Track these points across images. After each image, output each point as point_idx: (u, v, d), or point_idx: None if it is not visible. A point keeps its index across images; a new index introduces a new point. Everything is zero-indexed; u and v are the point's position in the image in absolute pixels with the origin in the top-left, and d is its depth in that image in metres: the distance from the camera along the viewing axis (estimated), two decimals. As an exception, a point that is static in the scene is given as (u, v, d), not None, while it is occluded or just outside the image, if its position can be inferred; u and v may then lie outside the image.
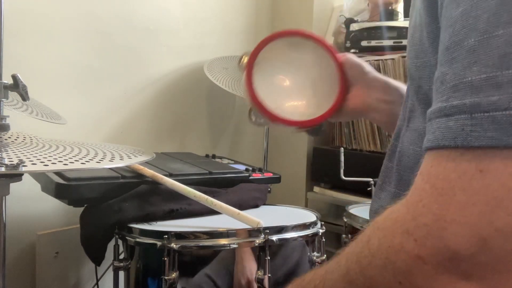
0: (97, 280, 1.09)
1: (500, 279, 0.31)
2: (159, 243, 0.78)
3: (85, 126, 1.28)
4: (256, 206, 1.04)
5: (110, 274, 0.90)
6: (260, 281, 0.77)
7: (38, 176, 0.96)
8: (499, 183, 0.31)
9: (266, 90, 0.71)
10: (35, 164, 0.59)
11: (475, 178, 0.32)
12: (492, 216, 0.31)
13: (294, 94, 0.74)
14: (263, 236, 0.79)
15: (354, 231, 1.07)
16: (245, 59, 0.71)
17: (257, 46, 0.71)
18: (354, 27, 1.56)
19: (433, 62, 0.44)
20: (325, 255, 0.91)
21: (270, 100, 0.70)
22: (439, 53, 0.38)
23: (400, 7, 1.61)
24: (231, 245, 0.79)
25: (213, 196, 0.90)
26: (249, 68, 0.70)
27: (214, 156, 1.37)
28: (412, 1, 0.52)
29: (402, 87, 0.69)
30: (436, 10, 0.41)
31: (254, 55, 0.70)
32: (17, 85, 0.71)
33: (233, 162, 1.30)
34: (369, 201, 1.31)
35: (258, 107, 0.70)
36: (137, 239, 0.82)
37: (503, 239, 0.30)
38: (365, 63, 0.71)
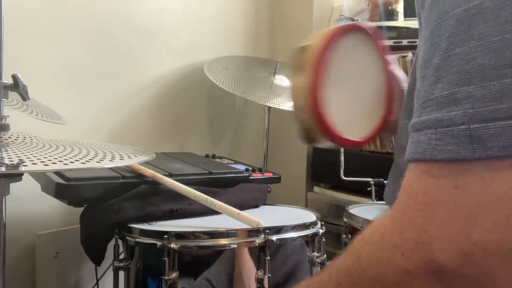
0: (97, 280, 1.09)
1: None
2: (159, 243, 0.78)
3: (85, 126, 1.28)
4: (256, 206, 1.04)
5: (110, 274, 0.90)
6: (260, 281, 0.77)
7: (38, 176, 0.96)
8: (473, 200, 0.32)
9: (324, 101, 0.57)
10: (35, 164, 0.59)
11: (452, 194, 0.33)
12: (470, 232, 0.32)
13: (348, 106, 0.62)
14: (263, 236, 0.79)
15: (354, 231, 1.07)
16: (305, 56, 0.55)
17: (327, 41, 0.55)
18: (354, 27, 1.56)
19: None
20: (325, 255, 0.91)
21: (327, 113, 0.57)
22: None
23: (400, 7, 1.61)
24: (231, 245, 0.79)
25: (213, 196, 0.90)
26: (318, 72, 0.53)
27: (214, 156, 1.37)
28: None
29: None
30: None
31: (324, 53, 0.53)
32: (17, 85, 0.71)
33: (233, 162, 1.30)
34: (369, 201, 1.31)
35: (321, 125, 0.55)
36: (137, 239, 0.82)
37: (482, 253, 0.31)
38: (404, 77, 0.66)
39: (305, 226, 0.87)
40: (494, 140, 0.31)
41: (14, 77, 0.71)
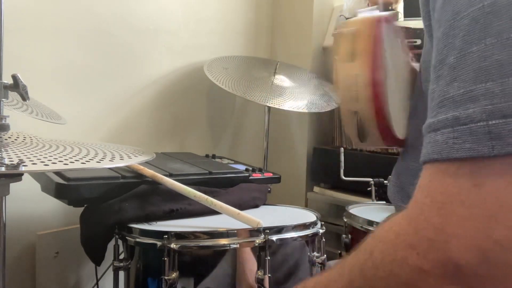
0: (97, 280, 1.09)
1: None
2: (159, 243, 0.78)
3: (85, 126, 1.28)
4: (256, 206, 1.04)
5: (110, 274, 0.90)
6: (260, 281, 0.77)
7: (38, 176, 0.96)
8: (493, 197, 0.32)
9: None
10: (35, 164, 0.59)
11: (471, 192, 0.33)
12: (490, 230, 0.32)
13: (392, 100, 0.54)
14: (263, 236, 0.79)
15: (354, 231, 1.07)
16: (362, 43, 0.48)
17: (380, 28, 0.50)
18: (354, 27, 1.56)
19: None
20: (325, 255, 0.91)
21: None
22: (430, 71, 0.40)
23: (400, 7, 1.60)
24: (231, 245, 0.79)
25: (213, 196, 0.90)
26: (377, 62, 0.47)
27: (214, 156, 1.37)
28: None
29: None
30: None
31: (380, 39, 0.47)
32: (17, 85, 0.71)
33: (233, 162, 1.30)
34: (369, 201, 1.31)
35: (380, 120, 0.49)
36: (137, 239, 0.82)
37: (502, 252, 0.31)
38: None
39: (305, 226, 0.87)
40: None
41: (14, 77, 0.71)
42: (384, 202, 1.24)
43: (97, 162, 0.65)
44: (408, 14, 1.60)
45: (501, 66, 0.32)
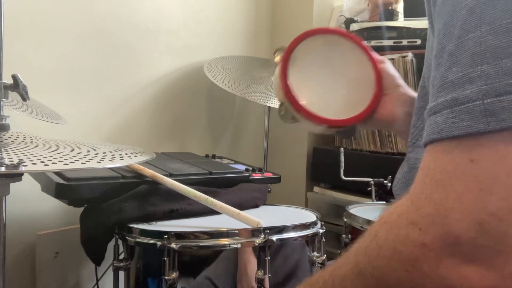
0: (97, 280, 1.09)
1: (500, 260, 0.34)
2: (159, 243, 0.78)
3: (85, 126, 1.28)
4: (256, 206, 1.04)
5: (110, 274, 0.90)
6: (260, 281, 0.77)
7: (38, 176, 0.96)
8: (488, 171, 0.34)
9: (298, 86, 0.69)
10: (35, 164, 0.59)
11: (467, 168, 0.35)
12: (486, 202, 0.33)
13: (328, 92, 0.72)
14: (263, 236, 0.79)
15: (354, 231, 1.07)
16: (279, 54, 0.70)
17: (294, 41, 0.70)
18: (354, 27, 1.57)
19: None
20: (325, 255, 0.91)
21: (302, 96, 0.69)
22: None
23: (400, 7, 1.61)
24: (231, 245, 0.79)
25: (213, 196, 0.90)
26: (285, 61, 0.69)
27: (214, 156, 1.37)
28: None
29: None
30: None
31: (290, 49, 0.69)
32: (17, 85, 0.71)
33: (233, 162, 1.30)
34: (369, 201, 1.31)
35: (291, 101, 0.68)
36: (137, 239, 0.82)
37: (497, 222, 0.33)
38: (398, 75, 0.73)
39: (305, 226, 0.87)
40: (506, 112, 0.33)
41: (14, 77, 0.71)
42: (384, 202, 1.24)
43: (97, 162, 0.65)
44: (408, 14, 1.61)
45: (495, 50, 0.35)
